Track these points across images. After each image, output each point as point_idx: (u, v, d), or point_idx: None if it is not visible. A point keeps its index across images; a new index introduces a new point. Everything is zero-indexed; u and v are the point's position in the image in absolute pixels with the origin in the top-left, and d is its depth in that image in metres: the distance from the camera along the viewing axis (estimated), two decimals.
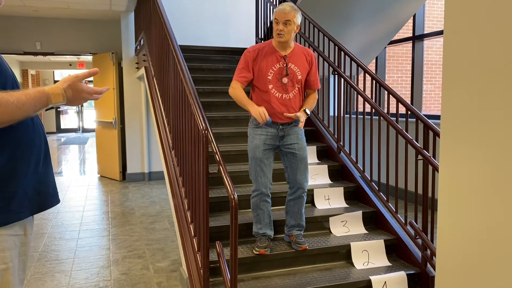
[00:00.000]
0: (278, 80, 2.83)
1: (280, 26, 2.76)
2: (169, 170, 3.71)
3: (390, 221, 3.39)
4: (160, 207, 5.73)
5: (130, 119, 7.36)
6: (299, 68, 2.88)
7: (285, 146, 2.90)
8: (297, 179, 2.93)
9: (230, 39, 7.21)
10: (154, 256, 3.91)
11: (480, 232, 1.01)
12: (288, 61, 2.85)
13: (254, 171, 2.87)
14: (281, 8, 2.76)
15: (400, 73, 10.17)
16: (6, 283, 1.38)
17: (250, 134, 2.91)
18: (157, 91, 4.46)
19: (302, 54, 2.92)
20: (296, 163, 2.90)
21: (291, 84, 2.86)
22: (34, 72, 15.72)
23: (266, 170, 2.86)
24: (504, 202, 0.95)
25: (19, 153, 1.40)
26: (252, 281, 2.86)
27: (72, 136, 16.14)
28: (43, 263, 3.76)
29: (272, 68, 2.83)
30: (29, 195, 1.44)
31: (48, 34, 7.57)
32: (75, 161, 10.03)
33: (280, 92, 2.84)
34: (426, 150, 3.06)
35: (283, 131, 2.88)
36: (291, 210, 3.02)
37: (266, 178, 2.86)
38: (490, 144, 0.98)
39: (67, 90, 1.43)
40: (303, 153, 2.91)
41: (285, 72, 2.84)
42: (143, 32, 5.62)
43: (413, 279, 3.02)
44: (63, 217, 5.25)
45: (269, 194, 2.91)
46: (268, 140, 2.85)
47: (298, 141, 2.91)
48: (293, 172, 2.93)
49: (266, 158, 2.85)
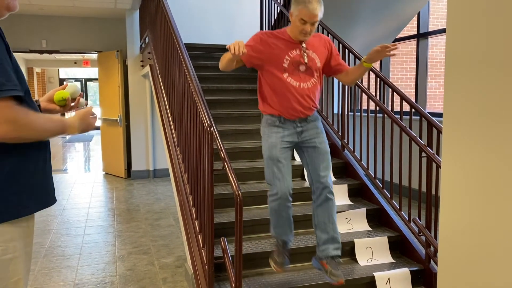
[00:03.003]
0: (295, 68, 2.52)
1: (308, 27, 2.44)
2: (174, 167, 3.74)
3: (394, 218, 3.40)
4: (165, 204, 5.76)
5: (135, 117, 7.40)
6: (317, 55, 2.59)
7: (306, 142, 2.59)
8: (321, 176, 2.56)
9: (234, 36, 7.22)
10: (159, 252, 3.95)
11: (481, 228, 1.03)
12: (305, 48, 2.55)
13: (271, 172, 2.52)
14: (311, 7, 2.38)
15: (404, 71, 10.15)
16: (16, 270, 1.45)
17: (265, 132, 2.59)
18: (162, 89, 4.48)
19: (318, 39, 2.64)
20: (318, 158, 2.57)
21: (310, 73, 2.55)
22: (40, 70, 15.80)
23: (285, 171, 2.51)
24: (506, 199, 0.97)
25: (30, 152, 1.47)
26: (257, 277, 2.88)
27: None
28: (49, 259, 3.80)
29: (288, 54, 2.52)
30: (38, 192, 1.51)
31: (53, 32, 7.62)
32: (80, 159, 10.09)
33: (298, 81, 2.52)
34: (430, 147, 3.07)
35: (301, 126, 2.58)
36: (320, 221, 2.59)
37: (285, 180, 2.50)
38: (492, 141, 0.99)
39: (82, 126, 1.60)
40: (325, 147, 2.60)
41: (303, 59, 2.53)
42: (148, 30, 5.65)
43: (416, 276, 3.04)
44: (69, 213, 5.29)
45: (289, 198, 2.53)
46: (286, 137, 2.54)
47: (318, 134, 2.61)
48: (315, 168, 2.57)
49: (284, 157, 2.51)
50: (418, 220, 3.11)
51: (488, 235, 1.01)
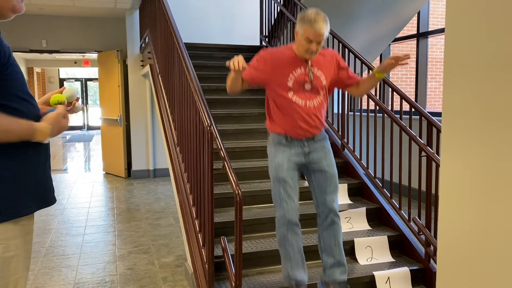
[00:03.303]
0: (301, 86, 2.44)
1: (314, 46, 2.36)
2: (174, 167, 3.75)
3: (393, 218, 3.41)
4: (165, 203, 5.77)
5: (135, 117, 7.40)
6: (323, 72, 2.51)
7: (313, 164, 2.49)
8: (327, 201, 2.48)
9: (234, 36, 7.23)
10: (159, 252, 3.95)
11: (480, 227, 1.03)
12: (310, 66, 2.47)
13: (277, 194, 2.41)
14: (316, 27, 2.31)
15: (404, 70, 10.15)
16: (17, 268, 1.47)
17: (271, 152, 2.49)
18: (162, 88, 4.49)
19: (324, 56, 2.55)
20: (325, 182, 2.48)
21: (316, 91, 2.48)
22: (40, 70, 15.81)
23: (292, 193, 2.40)
24: (505, 198, 0.97)
25: (30, 152, 1.49)
26: (257, 276, 2.89)
27: (77, 134, 16.23)
28: (50, 258, 3.81)
29: (292, 73, 2.44)
30: (38, 191, 1.52)
31: (53, 32, 7.62)
32: (80, 159, 10.09)
33: (303, 99, 2.44)
34: (429, 146, 3.08)
35: (309, 147, 2.48)
36: (326, 245, 2.53)
37: (293, 202, 2.39)
38: (491, 141, 1.00)
39: (54, 130, 1.51)
40: (333, 170, 2.50)
41: (308, 77, 2.45)
42: (148, 29, 5.65)
43: (416, 275, 3.04)
44: (69, 213, 5.30)
45: (298, 223, 2.43)
46: (292, 157, 2.44)
47: (326, 156, 2.51)
48: (322, 192, 2.49)
49: (291, 178, 2.41)
50: (418, 219, 3.12)
51: (487, 234, 1.01)
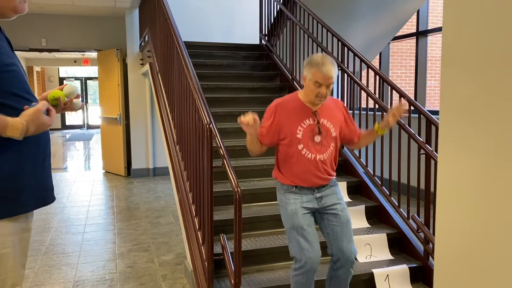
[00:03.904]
0: (310, 139, 2.34)
1: (323, 90, 2.28)
2: (174, 165, 3.75)
3: (392, 215, 3.42)
4: (165, 202, 5.78)
5: (135, 115, 7.41)
6: (332, 124, 2.40)
7: (326, 209, 2.40)
8: (344, 248, 2.36)
9: (234, 35, 7.23)
10: (159, 250, 3.96)
11: (478, 225, 1.04)
12: (319, 117, 2.37)
13: (296, 244, 2.29)
14: (324, 70, 2.24)
15: (404, 69, 10.15)
16: (11, 265, 1.48)
17: (282, 200, 2.40)
18: (162, 87, 4.50)
19: (332, 106, 2.45)
20: (340, 228, 2.37)
21: (325, 143, 2.37)
22: (40, 68, 15.80)
23: (312, 238, 2.29)
24: (502, 195, 0.98)
25: (27, 150, 1.48)
26: (256, 273, 2.90)
27: (77, 133, 16.23)
28: (50, 256, 3.82)
29: (301, 125, 2.35)
30: (36, 189, 1.52)
31: (53, 31, 7.62)
32: (80, 157, 10.10)
33: (313, 153, 2.35)
34: (428, 144, 3.09)
35: (320, 193, 2.39)
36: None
37: (314, 249, 2.28)
38: (488, 138, 1.00)
39: (30, 126, 1.43)
40: (347, 214, 2.41)
41: (317, 129, 2.35)
42: (147, 28, 5.66)
43: (415, 273, 3.05)
44: (69, 211, 5.31)
45: (317, 269, 2.32)
46: (305, 203, 2.35)
47: (339, 201, 2.42)
48: (337, 239, 2.37)
49: (307, 224, 2.32)
50: (417, 217, 3.13)
51: (485, 232, 1.02)
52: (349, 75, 3.94)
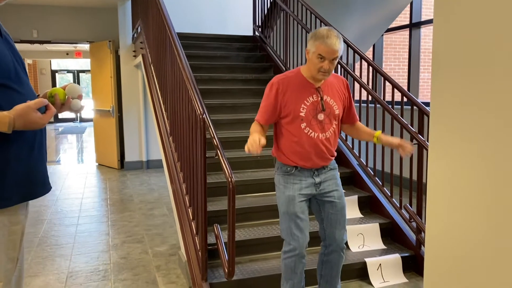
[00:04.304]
0: (313, 117, 2.28)
1: (326, 65, 2.20)
2: (167, 156, 3.75)
3: (385, 206, 3.44)
4: (159, 194, 5.77)
5: (128, 107, 7.37)
6: (335, 101, 2.34)
7: (323, 195, 2.37)
8: (337, 235, 2.40)
9: (227, 26, 7.20)
10: (153, 241, 3.97)
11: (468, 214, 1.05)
12: (323, 93, 2.31)
13: (288, 228, 2.32)
14: (329, 42, 2.17)
15: (397, 61, 10.18)
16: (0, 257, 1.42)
17: (280, 182, 2.36)
18: (155, 78, 4.47)
19: (335, 83, 2.39)
20: (335, 216, 2.38)
21: (328, 121, 2.31)
22: (31, 61, 15.66)
23: (304, 226, 2.31)
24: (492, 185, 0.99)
25: (10, 144, 1.41)
26: (250, 263, 2.91)
27: (69, 126, 16.14)
28: (43, 248, 3.81)
29: (304, 102, 2.27)
30: (20, 183, 1.44)
31: (45, 22, 7.54)
32: (73, 150, 10.05)
33: (316, 131, 2.29)
34: (421, 135, 3.11)
35: (319, 177, 2.36)
36: (327, 274, 2.49)
37: (304, 236, 2.31)
38: (479, 128, 1.01)
39: (18, 120, 1.37)
40: (343, 202, 2.41)
41: (320, 106, 2.29)
42: (140, 19, 5.62)
43: (407, 262, 3.08)
44: (62, 204, 5.29)
45: (305, 254, 2.38)
46: (303, 190, 2.32)
47: (337, 187, 2.40)
48: (331, 226, 2.39)
49: (302, 211, 2.31)
50: (409, 206, 3.15)
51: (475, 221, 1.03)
52: (342, 66, 3.94)
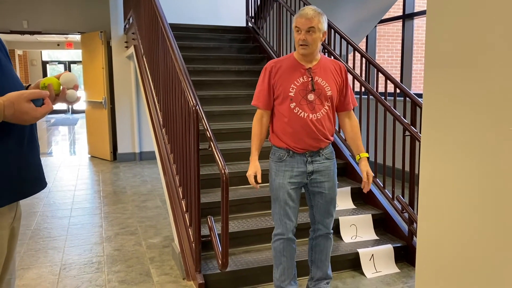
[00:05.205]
0: (303, 97, 2.30)
1: (302, 35, 2.25)
2: (160, 148, 3.74)
3: (378, 197, 3.46)
4: (152, 186, 5.76)
5: (120, 99, 7.32)
6: (328, 83, 2.34)
7: (314, 185, 2.40)
8: (325, 223, 2.47)
9: (220, 17, 7.15)
10: (146, 233, 3.96)
11: (459, 204, 1.06)
12: (314, 75, 2.33)
13: (278, 214, 2.38)
14: (302, 13, 2.25)
15: (390, 52, 10.19)
16: None
17: (272, 168, 2.40)
18: (147, 69, 4.44)
19: (330, 66, 2.39)
20: (324, 205, 2.43)
21: (319, 102, 2.32)
22: (21, 52, 15.47)
23: (292, 212, 2.37)
24: (483, 175, 0.99)
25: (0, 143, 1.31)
26: (243, 254, 2.93)
27: (61, 118, 16.02)
28: (36, 240, 3.79)
29: (294, 83, 2.31)
30: (10, 182, 1.35)
31: (35, 12, 7.44)
32: (65, 142, 9.99)
33: (306, 111, 2.30)
34: (413, 126, 3.12)
35: (312, 165, 2.36)
36: (317, 258, 2.55)
37: (292, 222, 2.38)
38: (471, 120, 1.02)
39: (7, 109, 1.25)
40: (333, 193, 2.43)
41: (310, 87, 2.31)
42: (132, 10, 5.56)
43: (399, 252, 3.11)
44: (55, 196, 5.26)
45: (295, 238, 2.43)
46: (294, 178, 2.35)
47: (329, 178, 2.40)
48: (320, 213, 2.46)
49: (291, 199, 2.35)
50: (401, 197, 3.17)
51: (466, 212, 1.04)
52: (335, 57, 3.93)
